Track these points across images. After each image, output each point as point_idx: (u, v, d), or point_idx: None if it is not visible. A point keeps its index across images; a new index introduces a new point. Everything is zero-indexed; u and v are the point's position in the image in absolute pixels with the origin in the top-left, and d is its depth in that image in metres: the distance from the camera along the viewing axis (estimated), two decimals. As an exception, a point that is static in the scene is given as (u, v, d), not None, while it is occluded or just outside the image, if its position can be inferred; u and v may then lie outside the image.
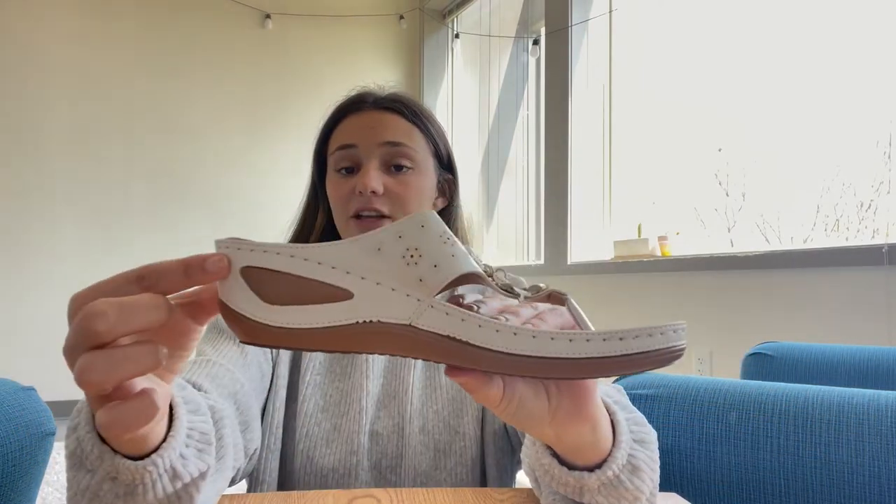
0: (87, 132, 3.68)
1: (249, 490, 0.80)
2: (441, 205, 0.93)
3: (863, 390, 0.75)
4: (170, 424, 0.46)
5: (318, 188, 0.92)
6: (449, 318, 0.37)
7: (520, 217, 3.82)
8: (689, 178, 3.05)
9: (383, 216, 0.83)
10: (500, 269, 0.42)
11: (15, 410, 0.81)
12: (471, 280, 0.40)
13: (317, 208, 0.93)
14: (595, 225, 3.10)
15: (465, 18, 4.21)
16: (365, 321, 0.37)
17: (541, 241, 3.31)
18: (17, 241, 3.54)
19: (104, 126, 3.71)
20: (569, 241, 3.05)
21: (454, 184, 0.94)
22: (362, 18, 4.23)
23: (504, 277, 0.41)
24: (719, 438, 0.78)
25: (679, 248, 2.70)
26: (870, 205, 2.44)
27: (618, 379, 0.93)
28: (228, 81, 3.95)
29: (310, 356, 0.85)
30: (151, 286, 0.38)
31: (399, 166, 0.84)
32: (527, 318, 0.40)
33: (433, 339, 0.37)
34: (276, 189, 3.87)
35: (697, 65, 2.92)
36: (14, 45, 3.55)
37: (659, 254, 2.67)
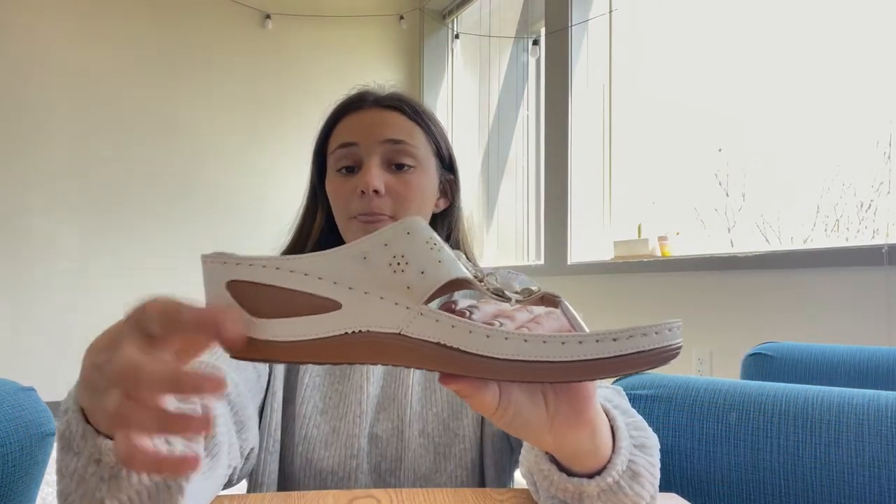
0: (87, 132, 3.68)
1: (249, 491, 0.80)
2: (443, 206, 0.92)
3: (863, 391, 0.75)
4: None
5: (318, 189, 0.91)
6: (439, 325, 0.37)
7: (520, 217, 3.82)
8: (689, 179, 3.05)
9: (385, 216, 0.82)
10: (491, 273, 0.41)
11: (15, 410, 0.81)
12: (460, 285, 0.39)
13: (316, 209, 0.92)
14: (595, 225, 3.09)
15: (465, 19, 4.21)
16: (354, 331, 0.37)
17: (541, 241, 3.31)
18: (17, 242, 3.54)
19: (104, 126, 3.71)
20: (569, 242, 3.05)
21: (456, 185, 0.93)
22: (362, 19, 4.23)
23: (495, 281, 0.40)
24: (719, 439, 0.78)
25: (679, 248, 2.70)
26: (870, 205, 2.44)
27: (617, 380, 0.93)
28: (228, 81, 3.95)
29: None
30: (164, 341, 0.37)
31: (400, 165, 0.83)
32: (522, 321, 0.40)
33: (423, 346, 0.37)
34: (276, 189, 3.87)
35: (697, 65, 2.92)
36: (13, 45, 3.55)
37: (659, 254, 2.67)
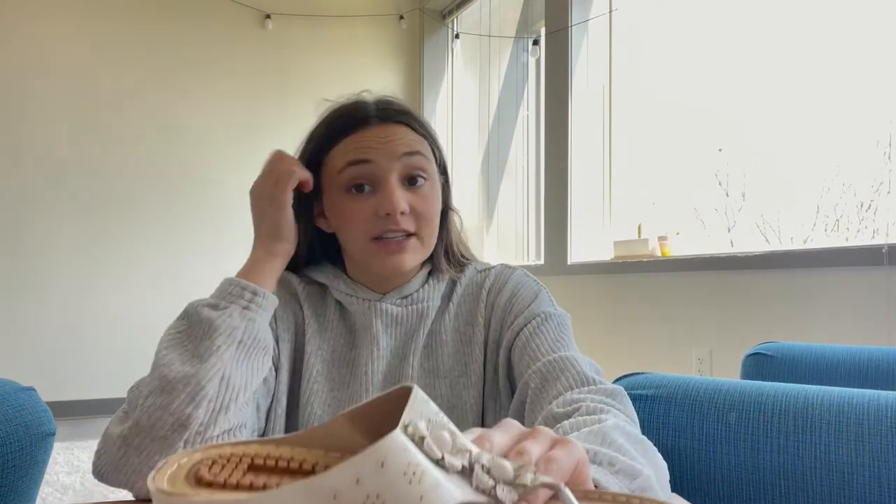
0: (86, 133, 3.68)
1: None
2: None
3: (863, 390, 0.75)
4: None
5: (305, 202, 0.86)
6: None
7: (520, 217, 3.82)
8: (689, 179, 3.05)
9: (409, 234, 0.81)
10: (483, 454, 0.36)
11: (15, 410, 0.81)
12: None
13: (307, 223, 0.87)
14: (595, 225, 3.10)
15: (465, 18, 4.21)
16: None
17: (541, 241, 3.31)
18: (17, 242, 3.54)
19: (103, 126, 3.71)
20: (569, 241, 3.05)
21: (447, 186, 0.92)
22: (362, 18, 4.23)
23: (486, 474, 0.36)
24: (719, 439, 0.78)
25: (679, 248, 2.70)
26: (870, 205, 2.44)
27: (616, 380, 0.92)
28: (228, 81, 3.95)
29: (309, 364, 0.84)
30: None
31: (413, 179, 0.82)
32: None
33: None
34: (276, 189, 3.87)
35: (697, 65, 2.92)
36: (13, 45, 3.55)
37: (659, 254, 2.67)
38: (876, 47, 2.21)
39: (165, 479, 0.35)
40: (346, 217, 0.83)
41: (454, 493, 0.34)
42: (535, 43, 3.59)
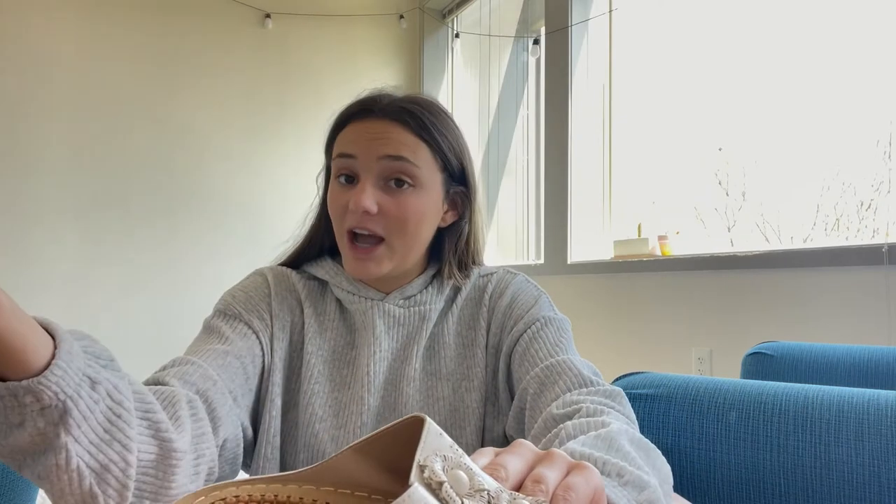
0: (86, 132, 3.68)
1: None
2: (451, 219, 0.89)
3: (862, 390, 0.75)
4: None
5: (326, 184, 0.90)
6: None
7: (520, 217, 3.81)
8: (689, 178, 3.05)
9: (378, 238, 0.81)
10: (502, 491, 0.35)
11: (15, 410, 0.81)
12: None
13: (325, 206, 0.90)
14: (595, 225, 3.09)
15: (465, 18, 4.21)
16: None
17: (541, 240, 3.30)
18: (16, 243, 3.54)
19: (102, 125, 3.71)
20: (569, 241, 3.05)
21: (467, 197, 0.88)
22: (362, 18, 4.23)
23: None
24: (719, 438, 0.78)
25: (679, 247, 2.70)
26: (870, 204, 2.44)
27: (616, 379, 0.93)
28: (228, 81, 3.95)
29: (310, 365, 0.84)
30: None
31: (399, 181, 0.80)
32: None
33: None
34: (276, 187, 3.87)
35: (697, 64, 2.92)
36: (12, 45, 3.55)
37: (659, 253, 2.67)
38: (876, 47, 2.21)
39: None
40: (330, 203, 0.85)
41: None
42: (536, 42, 3.59)
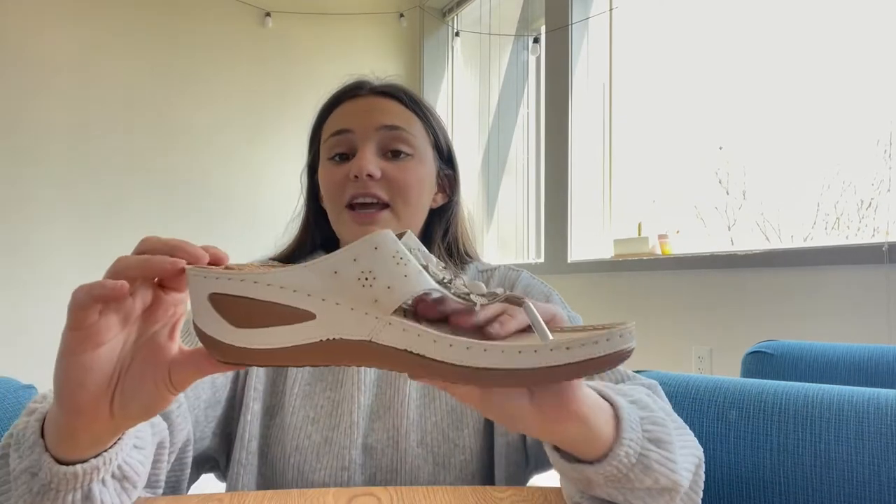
0: (86, 131, 3.68)
1: None
2: (440, 201, 0.89)
3: (862, 389, 0.75)
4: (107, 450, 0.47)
5: (311, 179, 0.89)
6: (406, 335, 0.40)
7: (520, 215, 3.81)
8: (690, 177, 3.04)
9: (382, 204, 0.79)
10: (459, 276, 0.43)
11: (15, 409, 0.81)
12: (427, 293, 0.42)
13: (317, 205, 0.90)
14: (595, 223, 3.09)
15: (465, 16, 4.20)
16: (327, 339, 0.40)
17: (541, 239, 3.30)
18: (17, 241, 3.54)
19: (103, 125, 3.71)
20: (569, 240, 3.05)
21: (454, 180, 0.90)
22: (363, 16, 4.22)
23: (462, 286, 0.42)
24: (719, 437, 0.78)
25: (679, 246, 2.70)
26: (870, 203, 2.44)
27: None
28: (228, 80, 3.94)
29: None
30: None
31: (397, 151, 0.80)
32: (490, 314, 0.43)
33: (392, 352, 0.40)
34: (276, 186, 3.87)
35: (698, 63, 2.92)
36: (12, 44, 3.55)
37: (659, 252, 2.67)
38: (876, 46, 2.20)
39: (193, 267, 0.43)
40: (325, 184, 0.83)
41: (434, 284, 0.41)
42: (536, 41, 3.58)
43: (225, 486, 0.83)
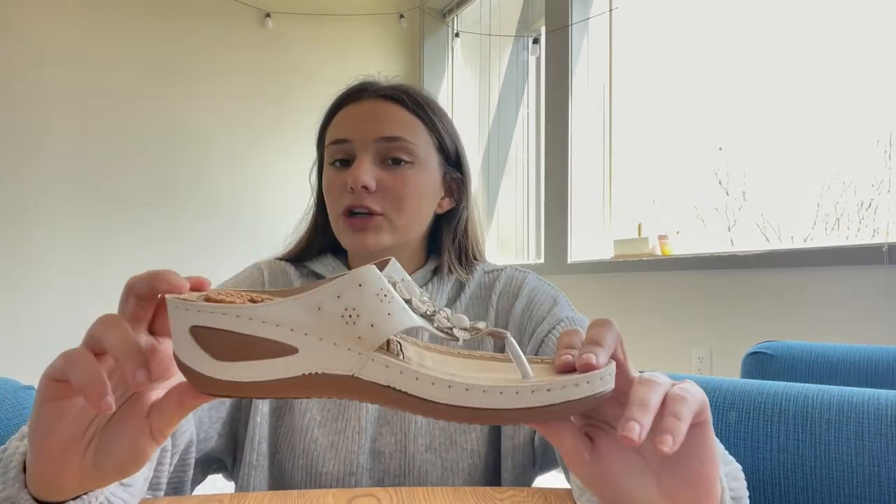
0: (86, 131, 3.68)
1: None
2: (447, 206, 0.88)
3: (863, 389, 0.75)
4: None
5: (319, 179, 0.89)
6: (388, 371, 0.40)
7: (520, 216, 3.81)
8: (690, 178, 3.04)
9: (374, 213, 0.79)
10: (442, 309, 0.43)
11: (15, 409, 0.81)
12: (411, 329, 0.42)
13: (321, 200, 0.89)
14: (595, 224, 3.09)
15: (465, 17, 4.20)
16: (310, 373, 0.40)
17: (541, 240, 3.30)
18: (17, 240, 3.54)
19: (103, 125, 3.71)
20: (569, 240, 3.05)
21: (463, 183, 0.88)
22: (363, 17, 4.22)
23: (445, 320, 0.42)
24: (719, 438, 0.78)
25: (679, 247, 2.69)
26: (870, 204, 2.44)
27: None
28: (228, 80, 3.94)
29: None
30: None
31: (397, 160, 0.80)
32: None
33: (376, 388, 0.40)
34: (276, 187, 3.87)
35: (698, 64, 2.92)
36: (12, 45, 3.55)
37: (659, 253, 2.67)
38: (876, 46, 2.21)
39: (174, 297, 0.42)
40: (325, 189, 0.84)
41: (417, 321, 0.41)
42: (536, 41, 3.58)
43: (234, 486, 0.82)
